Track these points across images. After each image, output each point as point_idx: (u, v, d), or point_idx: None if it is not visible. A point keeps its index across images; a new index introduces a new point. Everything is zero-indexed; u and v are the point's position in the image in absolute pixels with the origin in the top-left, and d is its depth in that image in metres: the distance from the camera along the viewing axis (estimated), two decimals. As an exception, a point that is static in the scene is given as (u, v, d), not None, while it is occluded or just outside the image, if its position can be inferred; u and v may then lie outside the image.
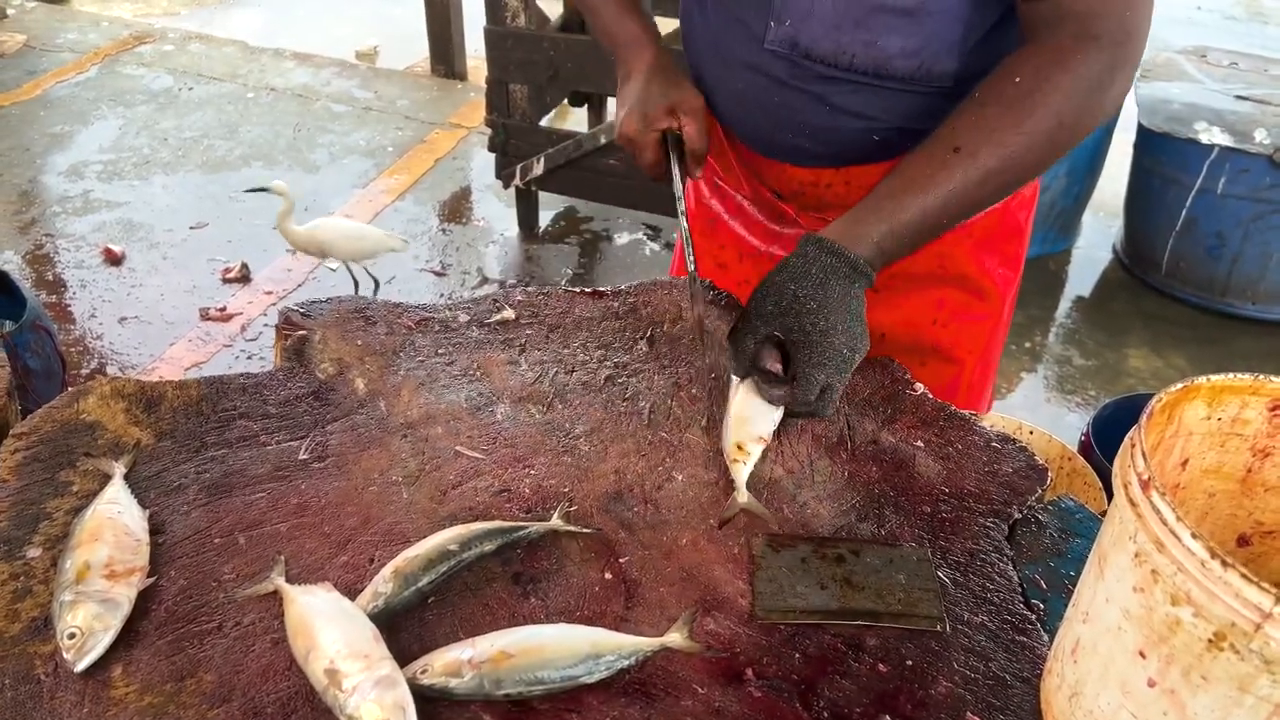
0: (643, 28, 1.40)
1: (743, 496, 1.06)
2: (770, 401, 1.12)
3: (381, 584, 0.94)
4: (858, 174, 1.32)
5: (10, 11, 6.35)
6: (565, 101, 4.43)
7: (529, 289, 1.45)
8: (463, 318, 1.38)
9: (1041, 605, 1.02)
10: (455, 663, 0.86)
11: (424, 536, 1.00)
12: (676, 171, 1.33)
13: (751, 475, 1.09)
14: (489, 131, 4.01)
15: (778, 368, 1.13)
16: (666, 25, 3.79)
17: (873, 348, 1.41)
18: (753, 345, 1.13)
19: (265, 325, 3.57)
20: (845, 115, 1.25)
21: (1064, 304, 3.93)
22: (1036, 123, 1.10)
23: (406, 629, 0.94)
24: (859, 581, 1.01)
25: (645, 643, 0.91)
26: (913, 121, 1.23)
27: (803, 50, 1.22)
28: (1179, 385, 0.83)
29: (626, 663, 0.89)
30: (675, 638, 0.92)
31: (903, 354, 1.38)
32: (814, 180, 1.35)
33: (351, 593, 0.94)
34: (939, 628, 0.97)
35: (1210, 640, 0.69)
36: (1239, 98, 3.74)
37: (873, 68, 1.20)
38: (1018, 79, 1.11)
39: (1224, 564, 0.66)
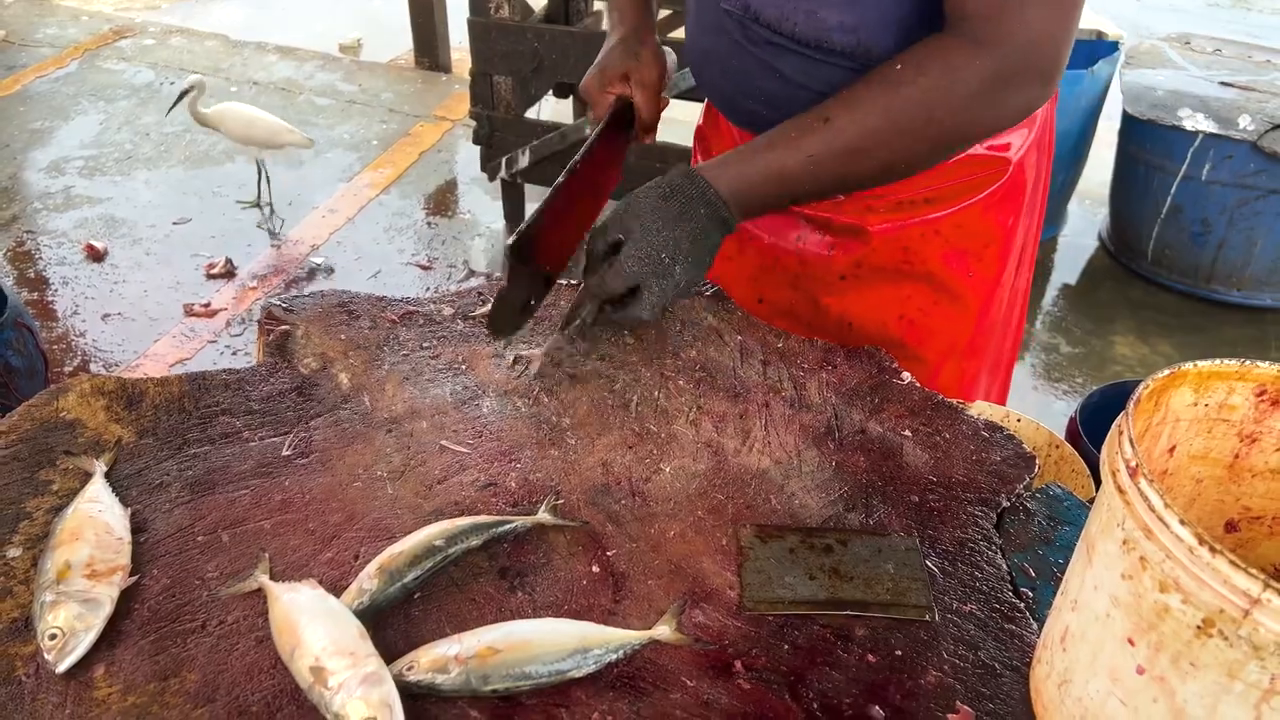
0: None
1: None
2: (583, 285, 1.24)
3: (366, 580, 0.93)
4: None
5: (-12, 6, 6.29)
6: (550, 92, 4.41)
7: (514, 281, 1.44)
8: (447, 311, 1.37)
9: (1030, 593, 1.02)
10: (442, 659, 0.85)
11: (409, 532, 0.99)
12: (597, 130, 1.37)
13: (739, 466, 1.10)
14: (474, 124, 3.99)
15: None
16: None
17: (841, 336, 1.42)
18: (602, 247, 1.20)
19: (250, 320, 3.55)
20: (794, 85, 1.27)
21: (1050, 292, 3.94)
22: (904, 111, 1.12)
23: (392, 625, 0.93)
24: (847, 571, 1.01)
25: (633, 636, 0.90)
26: None
27: (753, 13, 1.24)
28: (1166, 371, 0.83)
29: (615, 656, 0.89)
30: (663, 630, 0.91)
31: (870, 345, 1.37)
32: None
33: (336, 589, 0.93)
34: (928, 617, 0.97)
35: (1199, 627, 0.68)
36: (1223, 84, 3.75)
37: (813, 39, 1.22)
38: (899, 65, 1.12)
39: (1212, 550, 0.66)
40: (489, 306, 1.28)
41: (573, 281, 1.39)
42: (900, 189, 1.33)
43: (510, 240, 1.17)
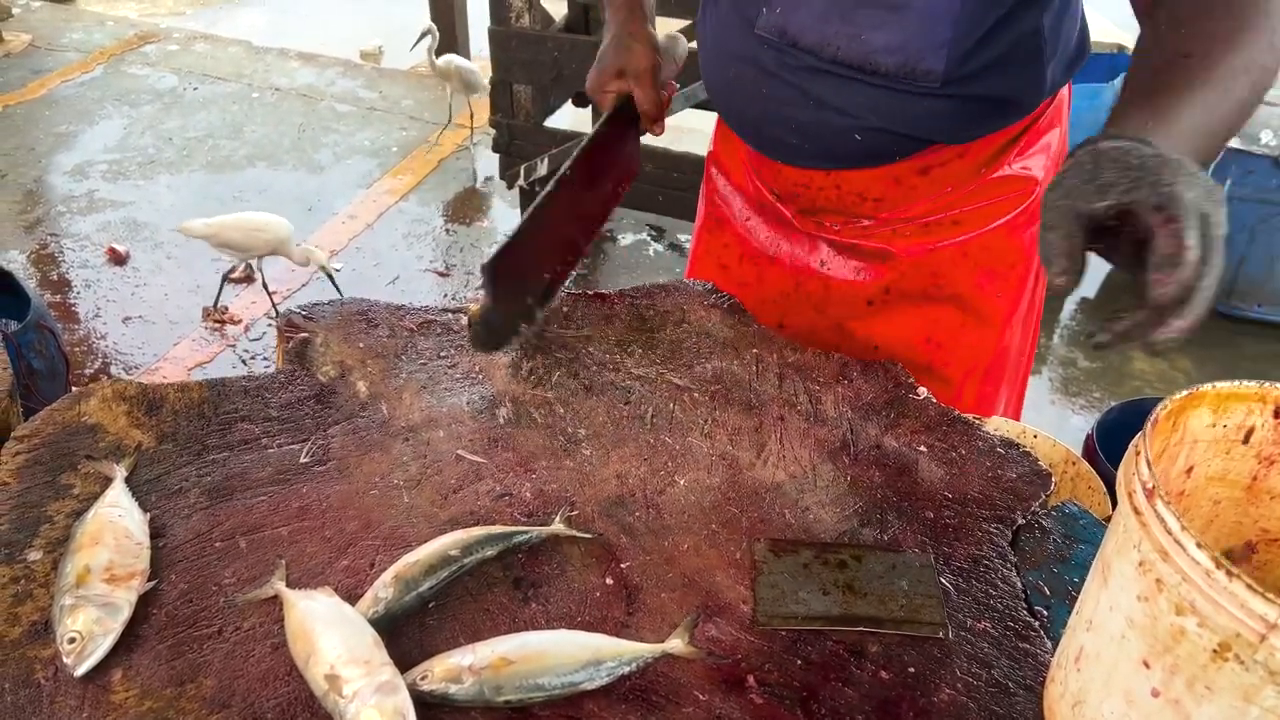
0: None
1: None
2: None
3: (382, 589, 0.93)
4: (847, 179, 1.32)
5: (15, 11, 6.36)
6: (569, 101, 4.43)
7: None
8: (465, 320, 1.37)
9: (1045, 612, 1.01)
10: (455, 669, 0.86)
11: (425, 541, 1.00)
12: (595, 130, 1.36)
13: (754, 480, 1.10)
14: (493, 131, 4.01)
15: None
16: (673, 24, 3.81)
17: (866, 359, 1.41)
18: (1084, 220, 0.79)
19: (269, 325, 3.57)
20: (828, 110, 1.25)
21: (1068, 306, 3.92)
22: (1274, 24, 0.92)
23: (407, 634, 0.93)
24: (861, 588, 1.01)
25: (646, 649, 0.91)
26: (896, 124, 1.23)
27: (790, 38, 1.22)
28: (1184, 392, 0.83)
29: (627, 669, 0.89)
30: (676, 644, 0.91)
31: None
32: (806, 182, 1.36)
33: (352, 597, 0.94)
34: (941, 634, 0.96)
35: (1215, 651, 0.68)
36: (1245, 99, 3.72)
37: (857, 61, 1.19)
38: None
39: (1229, 574, 0.65)
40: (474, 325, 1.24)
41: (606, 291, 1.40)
42: (928, 210, 1.33)
43: (486, 261, 1.13)
